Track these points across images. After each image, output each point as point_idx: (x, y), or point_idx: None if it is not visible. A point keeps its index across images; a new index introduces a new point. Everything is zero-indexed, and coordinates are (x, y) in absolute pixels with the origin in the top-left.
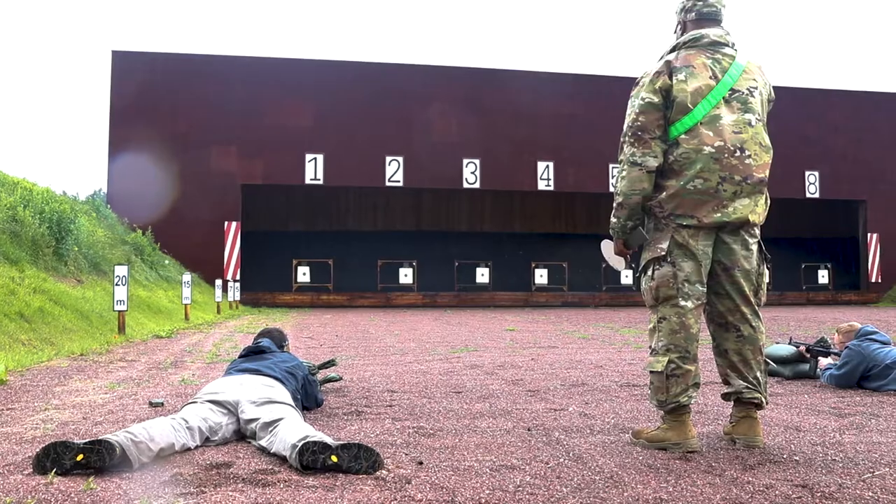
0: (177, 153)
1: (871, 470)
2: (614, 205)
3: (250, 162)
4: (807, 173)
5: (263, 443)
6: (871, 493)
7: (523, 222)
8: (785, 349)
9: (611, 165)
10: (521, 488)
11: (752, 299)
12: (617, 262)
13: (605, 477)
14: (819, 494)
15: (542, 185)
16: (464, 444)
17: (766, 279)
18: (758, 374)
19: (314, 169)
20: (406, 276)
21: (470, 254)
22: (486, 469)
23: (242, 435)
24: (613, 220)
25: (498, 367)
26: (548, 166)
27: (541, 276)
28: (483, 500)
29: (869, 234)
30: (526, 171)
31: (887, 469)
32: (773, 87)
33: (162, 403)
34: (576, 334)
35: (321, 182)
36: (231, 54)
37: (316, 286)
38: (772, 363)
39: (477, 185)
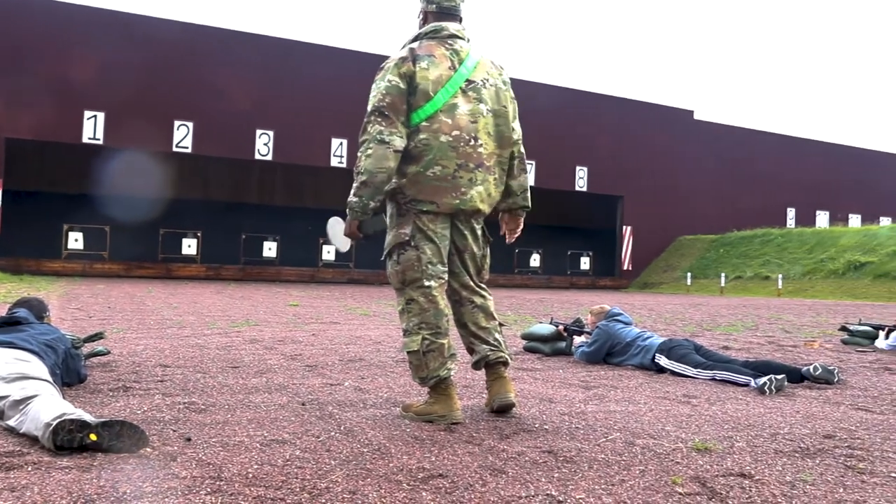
0: None
1: (606, 435)
2: (356, 184)
3: (19, 113)
4: (577, 168)
5: (12, 423)
6: (603, 456)
7: (314, 198)
8: (546, 328)
9: None
10: (289, 462)
11: (478, 277)
12: (343, 242)
13: (373, 449)
14: (561, 458)
15: (335, 162)
16: (236, 420)
17: (488, 260)
18: (496, 335)
19: (94, 127)
20: (189, 246)
21: (258, 227)
22: (257, 444)
23: None
24: (354, 199)
25: (278, 341)
26: (342, 143)
27: (328, 253)
28: (250, 475)
29: (624, 227)
30: (320, 147)
31: (618, 434)
32: (554, 87)
33: None
34: (358, 311)
35: (101, 142)
36: None
37: (89, 254)
38: (533, 342)
39: (269, 158)
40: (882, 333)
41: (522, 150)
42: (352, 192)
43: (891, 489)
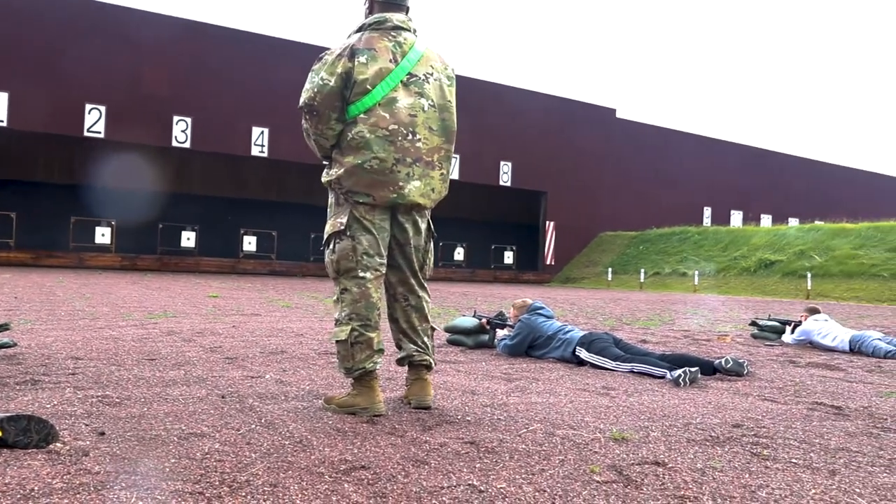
0: None
1: (527, 426)
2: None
3: None
4: (501, 163)
5: None
6: (524, 446)
7: (234, 187)
8: (469, 321)
9: None
10: (208, 455)
11: (419, 273)
12: None
13: (294, 441)
14: (483, 449)
15: (255, 151)
16: (152, 413)
17: (431, 255)
18: (425, 339)
19: None
20: (103, 235)
21: (176, 216)
22: (174, 437)
23: None
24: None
25: (197, 333)
26: (263, 132)
27: (249, 244)
28: (167, 470)
29: (547, 222)
30: (240, 136)
31: (539, 425)
32: (479, 81)
33: None
34: (280, 303)
35: (5, 123)
36: None
37: None
38: (456, 334)
39: (188, 145)
40: (788, 328)
41: None
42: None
43: (791, 474)
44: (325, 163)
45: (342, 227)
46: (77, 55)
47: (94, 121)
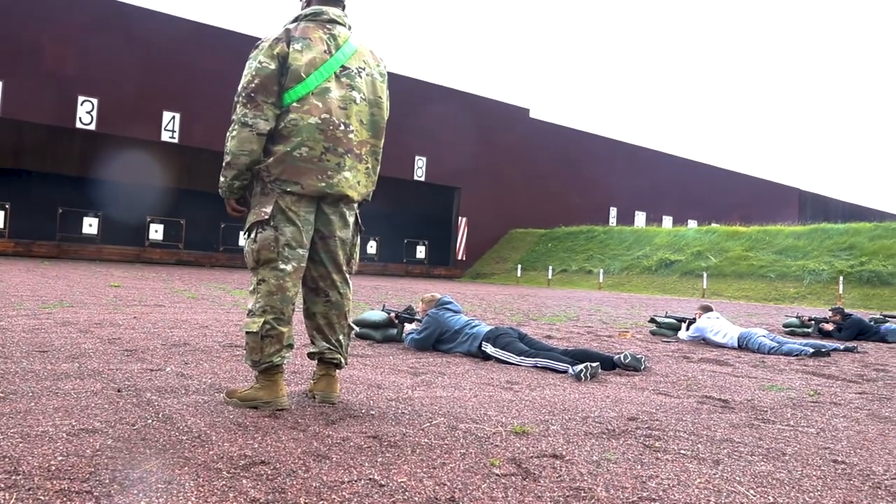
0: None
1: (430, 420)
2: (223, 164)
3: None
4: (416, 158)
5: None
6: (426, 440)
7: (141, 173)
8: (377, 315)
9: None
10: (99, 452)
11: (345, 267)
12: None
13: (192, 436)
14: (386, 443)
15: (165, 137)
16: (40, 408)
17: (358, 249)
18: (340, 337)
19: None
20: None
21: (77, 201)
22: (63, 434)
23: None
24: (221, 178)
25: (95, 324)
26: (174, 117)
27: (156, 232)
28: (53, 468)
29: (460, 218)
30: (149, 120)
31: (442, 419)
32: (396, 76)
33: None
34: (186, 293)
35: None
36: None
37: None
38: (364, 328)
39: (92, 127)
40: (684, 325)
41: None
42: (221, 172)
43: (679, 465)
44: (242, 161)
45: (266, 217)
46: None
47: None
